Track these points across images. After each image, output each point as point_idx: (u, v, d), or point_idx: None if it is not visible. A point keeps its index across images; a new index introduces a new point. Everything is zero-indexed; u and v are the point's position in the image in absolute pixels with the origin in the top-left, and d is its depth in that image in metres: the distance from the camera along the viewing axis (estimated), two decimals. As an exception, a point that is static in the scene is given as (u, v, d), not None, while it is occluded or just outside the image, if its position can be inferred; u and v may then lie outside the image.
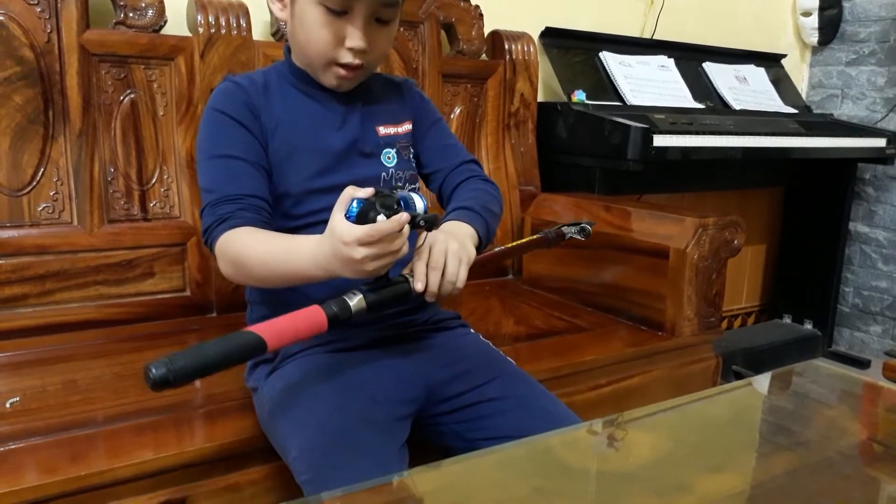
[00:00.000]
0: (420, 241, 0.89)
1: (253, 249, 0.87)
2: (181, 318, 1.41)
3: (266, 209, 0.94)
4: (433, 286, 0.86)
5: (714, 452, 0.85)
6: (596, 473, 0.79)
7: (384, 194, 0.80)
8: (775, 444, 0.88)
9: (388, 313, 1.01)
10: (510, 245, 1.09)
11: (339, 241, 0.77)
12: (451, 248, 0.88)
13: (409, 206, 0.84)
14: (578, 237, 1.11)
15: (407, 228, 0.79)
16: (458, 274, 0.87)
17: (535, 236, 1.10)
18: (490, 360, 1.01)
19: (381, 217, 0.79)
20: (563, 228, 1.10)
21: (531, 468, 0.79)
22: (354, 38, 0.92)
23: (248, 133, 0.95)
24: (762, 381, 1.17)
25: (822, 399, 1.04)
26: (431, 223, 0.85)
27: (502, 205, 1.11)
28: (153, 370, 0.67)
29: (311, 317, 0.79)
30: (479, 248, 0.97)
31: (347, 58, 0.93)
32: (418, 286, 0.86)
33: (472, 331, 1.10)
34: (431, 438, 0.97)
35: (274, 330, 0.76)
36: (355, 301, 0.81)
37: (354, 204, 0.79)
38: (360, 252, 0.77)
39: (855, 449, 0.89)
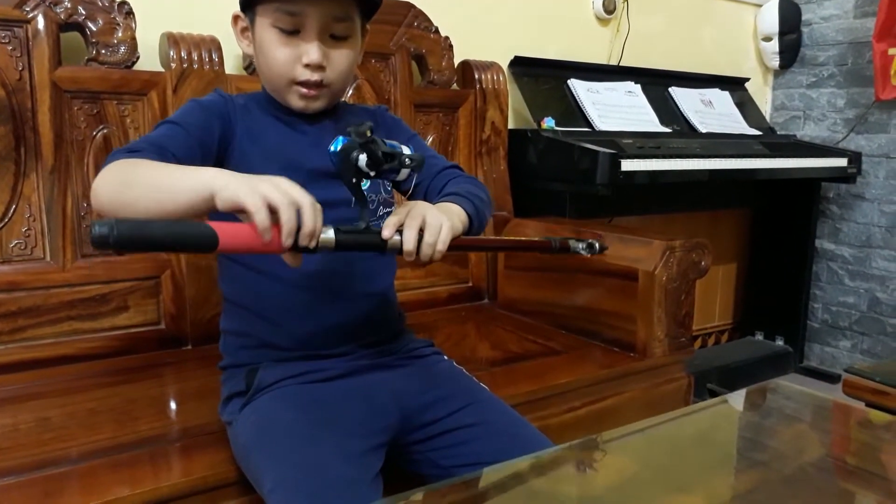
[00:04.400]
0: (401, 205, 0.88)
1: (148, 164, 0.84)
2: (156, 352, 1.41)
3: None
4: (409, 243, 0.83)
5: (691, 470, 0.86)
6: (571, 497, 0.80)
7: (372, 141, 0.80)
8: (751, 460, 0.89)
9: (362, 342, 1.02)
10: (511, 238, 1.08)
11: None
12: (432, 212, 0.86)
13: (396, 149, 0.84)
14: (584, 253, 1.09)
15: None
16: (439, 236, 0.85)
17: (537, 238, 1.10)
18: (463, 387, 1.03)
19: (362, 157, 0.78)
20: (569, 241, 1.09)
21: (506, 494, 0.80)
22: (309, 54, 0.94)
23: (210, 120, 0.96)
24: (735, 399, 1.19)
25: (794, 415, 1.07)
26: (419, 163, 0.84)
27: (490, 197, 1.09)
28: (96, 227, 0.66)
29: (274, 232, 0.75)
30: (469, 231, 0.97)
31: (305, 75, 0.96)
32: (385, 233, 0.83)
33: (445, 358, 1.11)
34: (406, 466, 0.98)
35: (230, 230, 0.74)
36: (326, 234, 0.79)
37: (335, 144, 0.79)
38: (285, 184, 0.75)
39: (826, 463, 0.91)
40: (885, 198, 2.56)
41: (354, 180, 0.83)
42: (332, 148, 0.82)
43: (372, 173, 0.83)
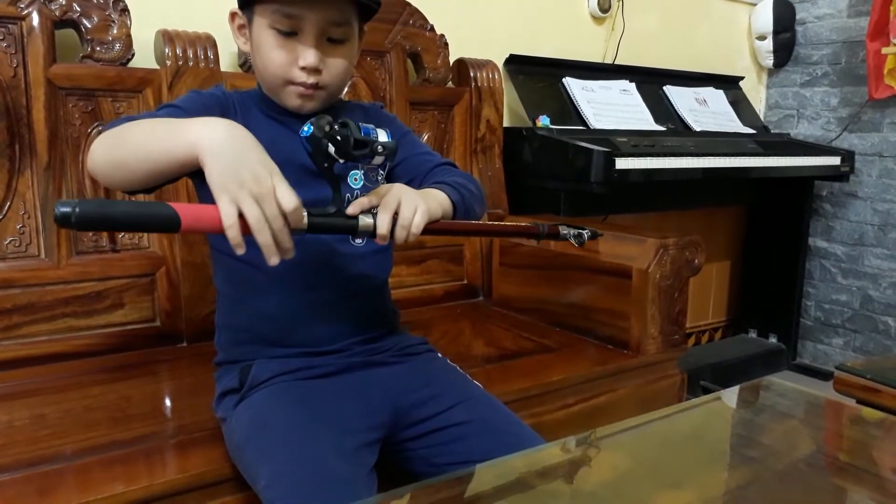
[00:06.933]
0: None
1: (140, 122, 0.86)
2: (151, 349, 1.41)
3: None
4: (382, 227, 0.85)
5: (684, 467, 0.87)
6: (564, 494, 0.81)
7: (344, 127, 0.81)
8: (744, 456, 0.90)
9: (356, 339, 1.03)
10: (494, 222, 1.06)
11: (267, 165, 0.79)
12: (407, 195, 0.87)
13: (370, 136, 0.84)
14: (573, 241, 1.09)
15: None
16: (413, 220, 0.86)
17: (525, 224, 1.09)
18: (456, 385, 1.03)
19: (331, 146, 0.79)
20: (559, 227, 1.08)
21: (499, 491, 0.81)
22: (305, 57, 0.94)
23: (210, 110, 0.96)
24: (728, 396, 1.20)
25: (786, 412, 1.07)
26: (392, 151, 0.84)
27: (483, 192, 1.10)
28: (59, 207, 0.68)
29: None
30: (454, 219, 0.97)
31: (301, 77, 0.96)
32: (350, 209, 0.85)
33: (439, 355, 1.12)
34: (400, 465, 0.98)
35: (192, 211, 0.74)
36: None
37: (307, 127, 0.81)
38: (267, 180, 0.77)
39: (818, 460, 0.92)
40: (877, 196, 2.58)
41: (326, 165, 0.85)
42: (302, 133, 0.83)
43: (341, 160, 0.84)
